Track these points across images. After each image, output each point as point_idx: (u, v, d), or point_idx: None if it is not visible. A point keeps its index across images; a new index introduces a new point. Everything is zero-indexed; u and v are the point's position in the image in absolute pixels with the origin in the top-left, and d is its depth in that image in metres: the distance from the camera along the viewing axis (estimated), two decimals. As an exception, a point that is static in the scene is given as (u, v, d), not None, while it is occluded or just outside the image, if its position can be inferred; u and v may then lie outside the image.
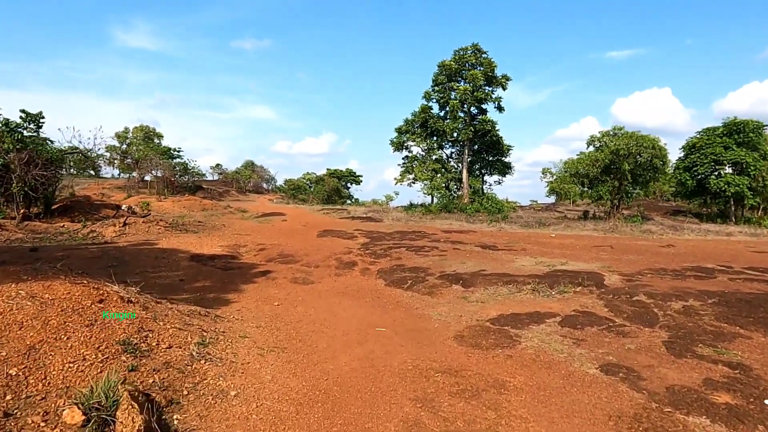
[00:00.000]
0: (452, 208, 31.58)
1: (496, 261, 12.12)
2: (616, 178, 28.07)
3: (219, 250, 13.75)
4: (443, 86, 31.53)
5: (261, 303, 7.94)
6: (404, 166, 35.61)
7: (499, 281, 9.36)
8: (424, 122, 32.30)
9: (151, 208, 33.96)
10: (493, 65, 30.37)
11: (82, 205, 20.99)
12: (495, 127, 31.29)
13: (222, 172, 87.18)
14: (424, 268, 11.14)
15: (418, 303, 8.36)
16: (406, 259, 12.55)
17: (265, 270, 11.08)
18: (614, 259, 12.77)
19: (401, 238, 17.40)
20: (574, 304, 7.66)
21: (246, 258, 12.87)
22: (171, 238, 16.04)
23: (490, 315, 7.23)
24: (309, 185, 67.27)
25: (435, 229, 22.04)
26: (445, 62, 30.66)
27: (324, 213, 34.55)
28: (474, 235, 19.15)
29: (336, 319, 7.05)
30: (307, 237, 17.82)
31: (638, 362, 5.13)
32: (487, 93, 30.35)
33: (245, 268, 11.34)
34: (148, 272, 10.22)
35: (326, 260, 12.41)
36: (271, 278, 10.22)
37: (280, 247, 14.62)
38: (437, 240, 16.96)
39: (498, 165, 36.62)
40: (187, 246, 13.93)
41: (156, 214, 30.43)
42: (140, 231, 17.55)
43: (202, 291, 8.74)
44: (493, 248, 14.79)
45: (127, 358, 4.03)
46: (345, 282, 10.25)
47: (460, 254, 13.33)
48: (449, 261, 12.10)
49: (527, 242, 16.89)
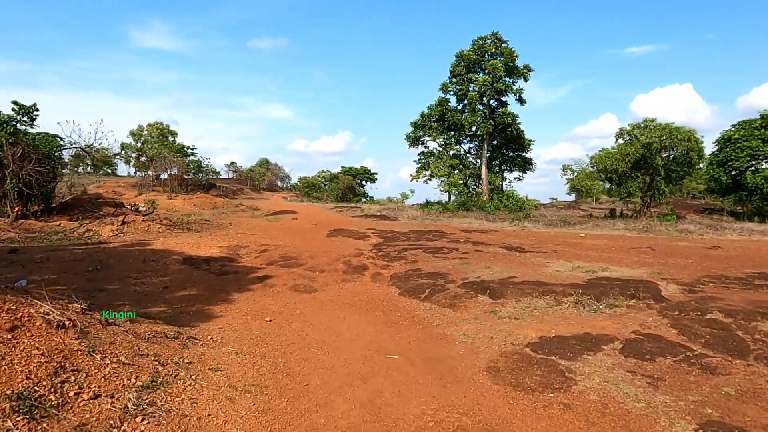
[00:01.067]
0: (471, 205, 30.02)
1: (526, 265, 10.64)
2: (648, 174, 26.14)
3: (217, 251, 12.57)
4: (461, 77, 29.92)
5: (250, 318, 6.66)
6: (420, 162, 34.12)
7: (533, 291, 7.91)
8: (441, 116, 30.74)
9: (158, 206, 33.22)
10: (514, 55, 28.65)
11: (83, 203, 20.13)
12: (516, 121, 29.56)
13: (237, 170, 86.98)
14: (443, 274, 9.74)
15: (437, 318, 6.98)
16: (422, 263, 11.17)
17: (263, 275, 9.82)
18: (660, 263, 11.17)
19: (417, 239, 16.01)
20: (631, 324, 6.19)
21: (245, 261, 11.65)
22: (169, 238, 14.95)
23: (529, 337, 5.81)
24: (324, 183, 66.31)
25: (453, 229, 20.58)
26: (463, 52, 29.06)
27: (337, 211, 33.35)
28: (496, 235, 17.64)
29: (337, 341, 5.72)
30: (316, 237, 16.55)
31: (752, 420, 3.67)
32: (507, 84, 28.63)
33: (242, 272, 10.11)
34: (131, 278, 9.06)
35: (333, 263, 11.10)
36: (269, 285, 8.95)
37: (285, 248, 13.37)
38: (456, 240, 15.51)
39: (518, 161, 34.87)
40: (184, 247, 12.78)
41: (164, 212, 29.62)
42: (139, 230, 16.52)
43: (186, 302, 7.50)
44: (520, 250, 13.30)
45: (15, 422, 2.74)
46: (353, 290, 8.92)
47: (484, 257, 11.88)
48: (472, 265, 10.67)
49: (556, 243, 15.33)
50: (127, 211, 21.17)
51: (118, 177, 79.80)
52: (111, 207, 20.84)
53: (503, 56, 28.66)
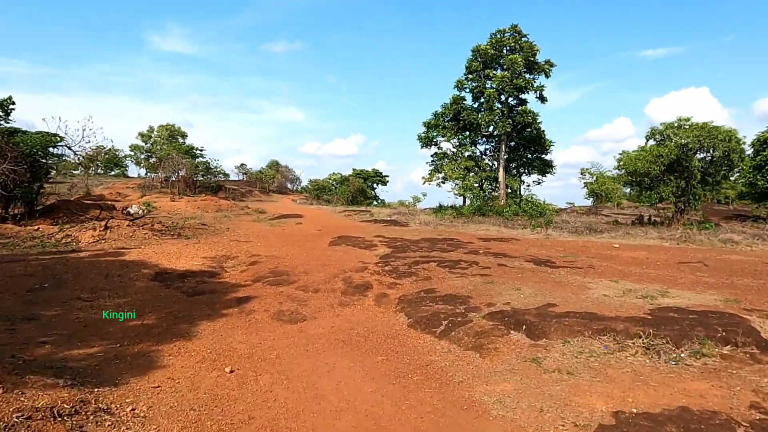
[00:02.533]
0: (487, 210, 28.08)
1: (564, 287, 8.75)
2: (682, 178, 23.94)
3: (200, 263, 10.89)
4: (478, 74, 28.06)
5: (206, 367, 4.92)
6: (433, 164, 32.33)
7: (584, 328, 6.04)
8: (456, 115, 28.89)
9: (160, 208, 31.87)
10: (535, 49, 26.70)
11: (71, 206, 18.70)
12: (536, 120, 27.57)
13: (246, 172, 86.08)
14: (463, 297, 7.91)
15: (460, 369, 5.16)
16: (437, 281, 9.35)
17: (244, 296, 8.09)
18: (726, 284, 9.18)
19: (430, 249, 14.19)
20: (742, 389, 4.30)
21: (228, 275, 9.94)
22: (152, 246, 13.35)
23: (597, 411, 3.97)
24: (334, 186, 64.82)
25: (469, 236, 18.71)
26: (480, 47, 27.19)
27: (345, 215, 31.66)
28: (518, 245, 15.73)
29: (317, 416, 3.94)
30: (317, 245, 14.83)
31: None
32: (528, 80, 26.68)
33: (219, 292, 8.39)
34: (81, 299, 7.40)
35: (331, 281, 9.33)
36: (247, 311, 7.21)
37: (278, 259, 11.66)
38: (475, 251, 13.66)
39: (537, 163, 32.85)
40: (163, 257, 11.14)
41: (165, 215, 28.20)
42: (122, 236, 14.97)
43: (132, 337, 5.80)
44: (551, 264, 11.39)
45: None
46: (351, 318, 7.14)
47: (510, 274, 10.01)
48: (497, 285, 8.82)
49: (589, 256, 13.38)
50: (117, 215, 19.71)
51: (128, 178, 79.49)
52: (100, 210, 19.37)
53: (523, 51, 26.74)
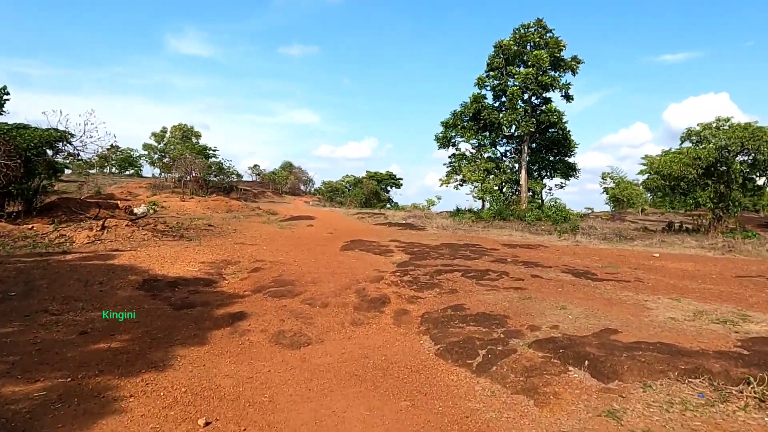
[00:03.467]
0: (507, 215, 26.61)
1: (616, 306, 7.38)
2: (721, 182, 22.20)
3: (196, 268, 9.75)
4: (500, 71, 26.65)
5: (174, 417, 3.71)
6: (451, 165, 30.95)
7: (665, 365, 4.68)
8: (477, 114, 27.50)
9: (167, 208, 31.10)
10: (561, 45, 25.21)
11: (71, 204, 17.82)
12: (562, 119, 26.04)
13: (259, 173, 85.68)
14: (499, 317, 6.60)
15: (512, 424, 3.86)
16: (465, 294, 8.05)
17: (239, 311, 6.90)
18: (810, 305, 7.71)
19: (452, 255, 12.88)
20: None
21: (226, 284, 8.77)
22: (149, 248, 12.29)
23: None
24: (347, 188, 63.88)
25: (492, 242, 17.35)
26: (503, 42, 25.80)
27: (359, 218, 30.46)
28: (548, 253, 14.33)
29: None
30: (327, 250, 13.63)
31: None
32: (554, 78, 25.18)
33: (212, 305, 7.22)
34: (47, 312, 6.28)
35: (342, 293, 8.10)
36: (240, 332, 6.01)
37: (284, 266, 10.47)
38: (502, 259, 12.30)
39: (560, 166, 31.27)
40: (156, 262, 10.02)
41: (174, 215, 27.36)
42: (120, 237, 13.98)
43: (91, 366, 4.62)
44: (591, 276, 10.00)
45: None
46: (365, 343, 5.88)
47: (548, 287, 8.66)
48: (536, 302, 7.49)
49: (630, 266, 11.93)
50: (120, 214, 18.81)
51: (142, 178, 79.67)
52: (99, 209, 18.48)
53: (548, 47, 25.28)
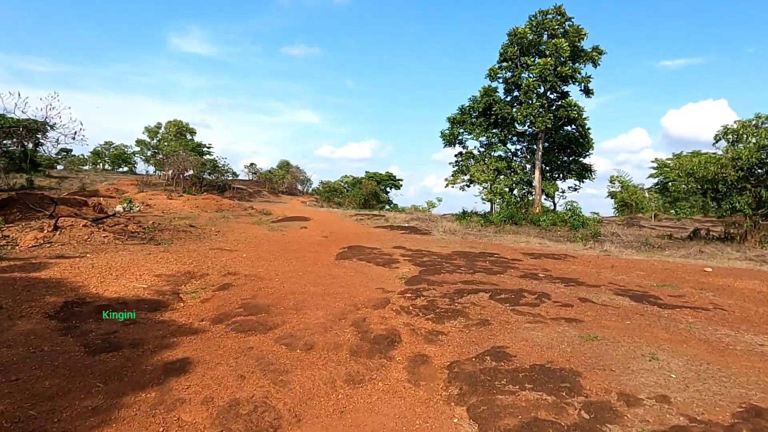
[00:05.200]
0: (519, 219, 24.42)
1: (726, 352, 5.16)
2: (762, 185, 20.05)
3: (146, 285, 7.50)
4: (514, 62, 24.47)
5: None
6: (457, 164, 28.74)
7: None
8: (487, 109, 25.30)
9: (152, 206, 28.85)
10: (582, 33, 23.04)
11: (28, 200, 15.57)
12: (582, 115, 23.84)
13: (256, 172, 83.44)
14: (564, 373, 4.38)
15: None
16: (501, 329, 5.83)
17: (181, 359, 4.66)
18: None
19: (469, 267, 10.66)
20: None
21: (180, 308, 6.52)
22: (102, 254, 10.04)
23: None
24: (346, 188, 61.78)
25: (511, 250, 15.15)
26: (518, 30, 23.60)
27: (357, 220, 28.24)
28: (581, 265, 12.12)
29: None
30: (320, 259, 11.39)
31: None
32: (574, 69, 22.99)
33: (147, 345, 4.97)
34: None
35: (335, 326, 5.87)
36: (171, 402, 3.77)
37: (261, 282, 8.23)
38: (532, 273, 10.08)
39: (574, 167, 29.08)
40: (96, 275, 7.78)
41: (157, 214, 25.11)
42: (75, 239, 11.73)
43: None
44: (655, 301, 7.79)
45: None
46: (366, 422, 3.64)
47: (610, 318, 6.44)
48: (607, 344, 5.27)
49: (689, 284, 9.73)
50: (87, 212, 16.57)
51: (137, 175, 77.38)
52: (68, 206, 16.25)
53: (568, 35, 23.10)
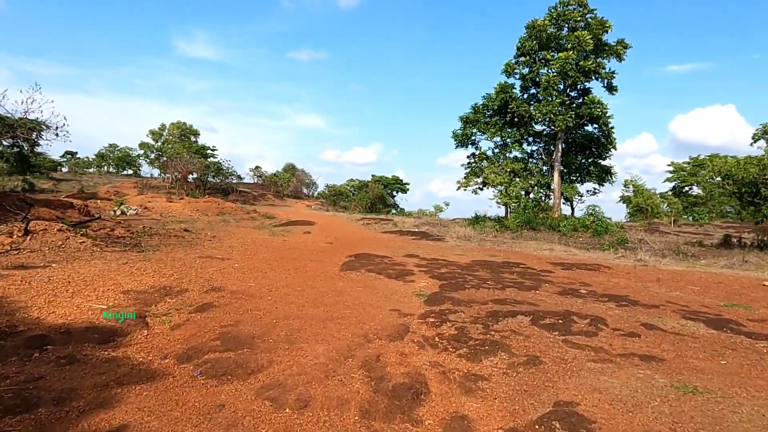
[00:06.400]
0: (537, 224, 22.85)
1: None
2: (805, 189, 18.39)
3: (107, 305, 6.06)
4: (532, 57, 22.97)
5: None
6: (470, 166, 27.22)
7: None
8: (503, 107, 23.79)
9: (151, 209, 27.58)
10: (606, 26, 21.51)
11: (7, 202, 14.29)
12: (605, 113, 22.24)
13: (261, 175, 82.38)
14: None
15: None
16: (558, 371, 4.32)
17: (119, 427, 3.19)
18: None
19: (497, 281, 9.14)
20: None
21: (140, 340, 5.06)
22: (68, 264, 8.65)
23: None
24: (352, 192, 60.51)
25: (535, 258, 13.62)
26: (537, 22, 22.11)
27: (364, 224, 26.80)
28: (622, 278, 10.56)
29: None
30: (323, 270, 9.92)
31: None
32: (598, 63, 21.42)
33: (76, 402, 3.52)
34: None
35: (339, 368, 4.39)
36: None
37: (250, 300, 6.78)
38: (572, 289, 8.55)
39: (593, 169, 27.47)
40: (47, 292, 6.36)
41: (154, 218, 23.84)
42: (47, 245, 10.36)
43: None
44: (738, 329, 6.24)
45: None
46: None
47: (695, 355, 4.92)
48: (720, 405, 3.75)
49: (762, 303, 8.16)
50: (72, 215, 15.27)
51: (141, 178, 76.61)
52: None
53: (591, 27, 21.58)
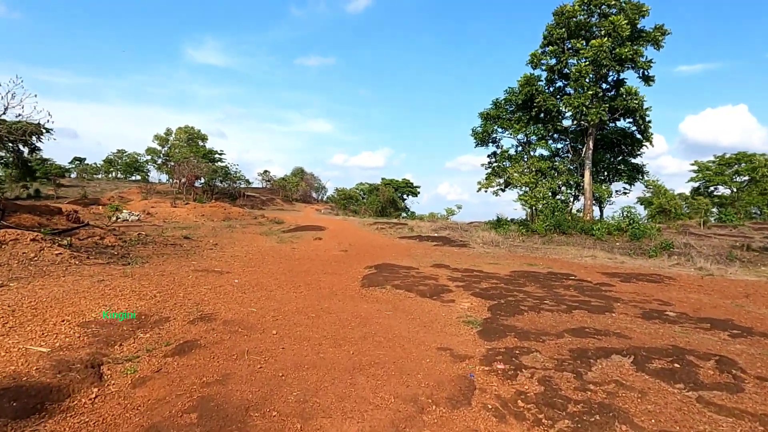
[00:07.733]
0: (567, 227, 20.97)
1: None
2: None
3: (49, 350, 4.42)
4: (560, 46, 21.15)
5: None
6: (491, 166, 25.42)
7: None
8: (528, 101, 21.98)
9: (154, 215, 26.16)
10: (644, 10, 19.64)
11: (-12, 207, 12.81)
12: (643, 105, 20.31)
13: (269, 180, 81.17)
14: None
15: None
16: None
17: None
18: None
19: (556, 300, 7.37)
20: None
21: (80, 409, 3.39)
22: (28, 283, 7.06)
23: None
24: (362, 195, 58.99)
25: (580, 268, 11.79)
26: (566, 7, 20.30)
27: (377, 229, 25.07)
28: (697, 293, 8.71)
29: None
30: (339, 287, 8.22)
31: None
32: (635, 51, 19.54)
33: None
34: None
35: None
36: None
37: (248, 335, 5.10)
38: (652, 311, 6.75)
39: (624, 168, 25.50)
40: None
41: (157, 224, 22.36)
42: (15, 257, 8.80)
43: None
44: None
45: None
46: None
47: None
48: None
49: None
50: (60, 222, 13.78)
51: (150, 183, 75.79)
52: (41, 216, 13.48)
53: (626, 12, 19.72)
